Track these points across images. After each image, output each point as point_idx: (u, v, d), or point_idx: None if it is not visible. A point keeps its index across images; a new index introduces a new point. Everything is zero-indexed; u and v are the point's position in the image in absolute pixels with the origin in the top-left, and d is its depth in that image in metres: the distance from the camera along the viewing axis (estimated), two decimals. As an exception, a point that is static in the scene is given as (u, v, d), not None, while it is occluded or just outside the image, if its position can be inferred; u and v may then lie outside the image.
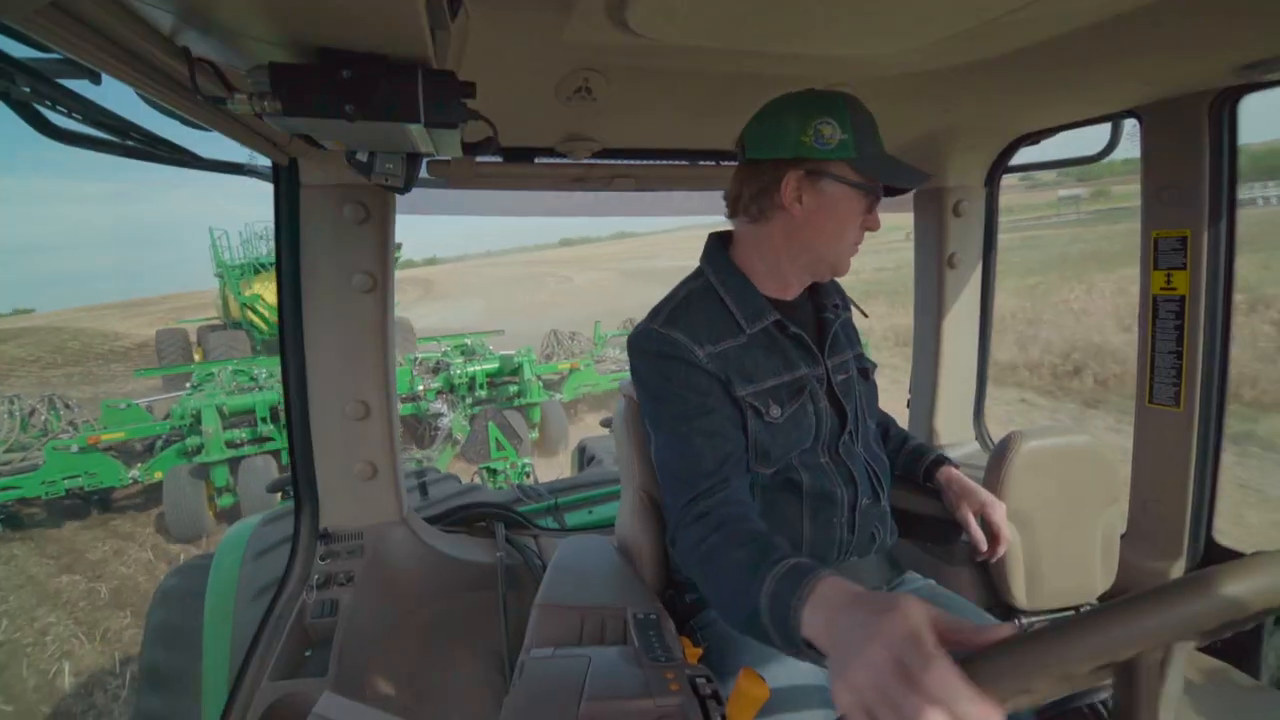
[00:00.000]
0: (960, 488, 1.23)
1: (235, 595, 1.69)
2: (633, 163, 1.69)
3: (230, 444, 7.03)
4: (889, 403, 1.44)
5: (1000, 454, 1.42)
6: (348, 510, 1.60)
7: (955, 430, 2.08)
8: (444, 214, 2.00)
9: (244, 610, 1.64)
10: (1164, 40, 1.06)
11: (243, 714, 1.25)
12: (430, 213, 1.96)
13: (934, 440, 2.06)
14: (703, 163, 1.75)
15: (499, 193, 1.74)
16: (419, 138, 0.80)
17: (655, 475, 1.12)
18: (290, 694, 1.25)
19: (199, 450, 6.91)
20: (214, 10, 0.64)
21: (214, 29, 0.68)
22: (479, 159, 1.56)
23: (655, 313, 1.09)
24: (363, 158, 0.90)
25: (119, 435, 7.16)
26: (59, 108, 0.85)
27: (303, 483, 1.56)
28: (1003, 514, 1.20)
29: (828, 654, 0.62)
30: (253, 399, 7.42)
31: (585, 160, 1.60)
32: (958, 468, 1.27)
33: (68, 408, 8.55)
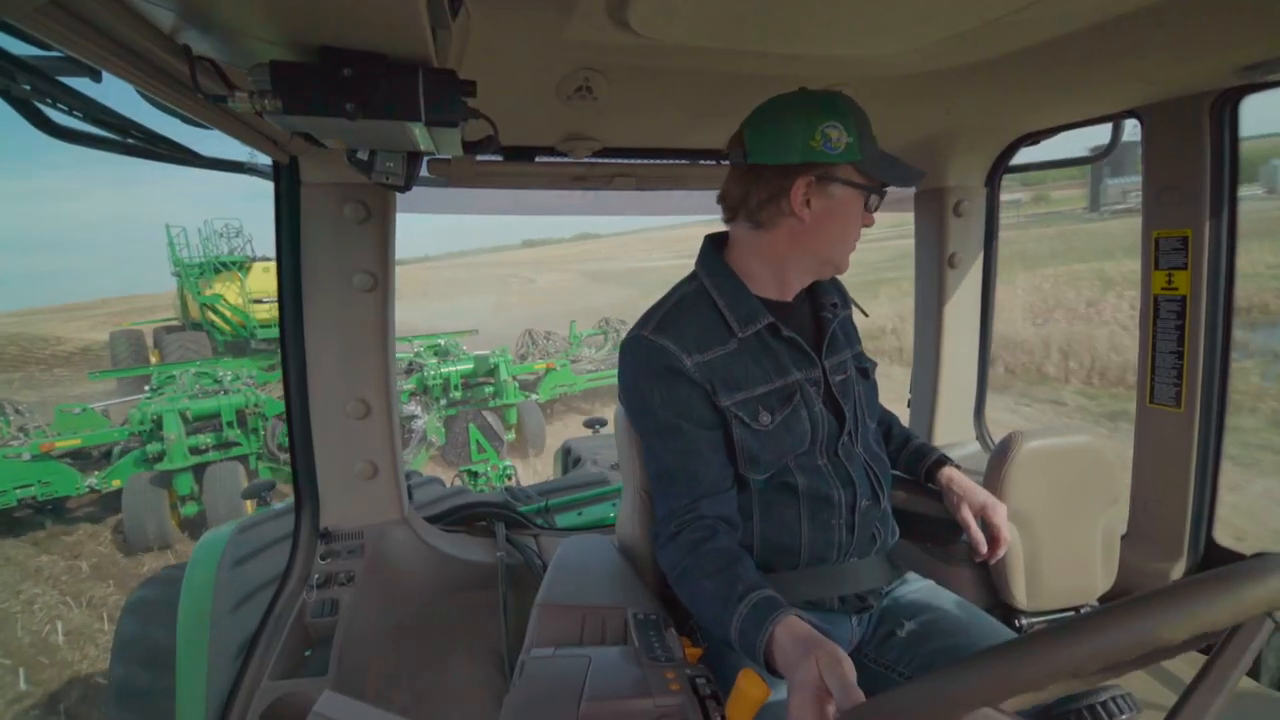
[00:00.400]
0: (961, 489, 1.22)
1: (211, 607, 1.62)
2: (633, 162, 1.69)
3: (194, 450, 6.68)
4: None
5: (1001, 454, 1.42)
6: (348, 509, 1.60)
7: (956, 430, 2.08)
8: (444, 213, 2.00)
9: (222, 622, 1.57)
10: (1165, 41, 1.06)
11: (243, 713, 1.25)
12: (430, 211, 1.96)
13: (934, 440, 2.06)
14: (703, 162, 1.75)
15: (498, 191, 1.74)
16: (420, 136, 0.79)
17: None
18: (290, 693, 1.25)
19: (160, 457, 6.54)
20: (215, 9, 0.64)
21: (215, 27, 0.68)
22: (479, 158, 1.56)
23: (647, 319, 1.09)
24: (363, 156, 0.90)
25: (74, 442, 6.76)
26: (59, 105, 0.85)
27: (303, 482, 1.56)
28: (1003, 516, 1.19)
29: (785, 665, 0.82)
30: (218, 403, 7.07)
31: (586, 159, 1.60)
32: (959, 468, 1.27)
33: (18, 413, 7.85)
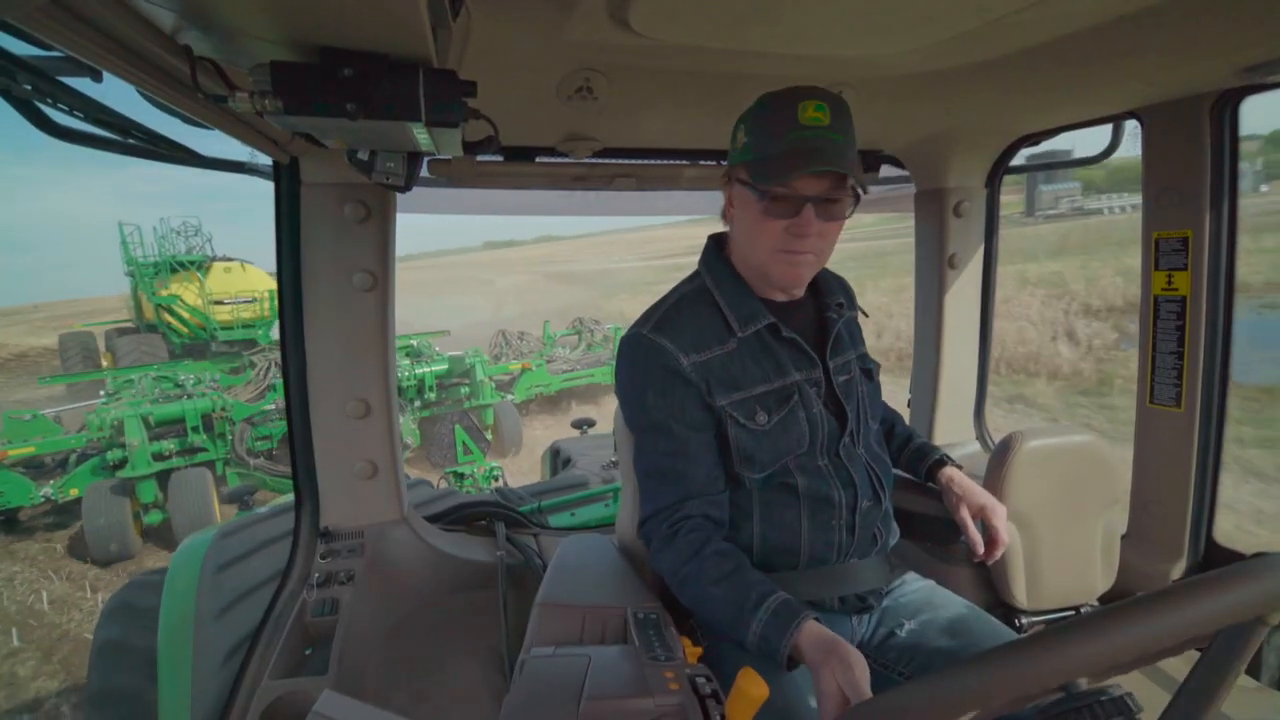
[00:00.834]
0: (961, 489, 1.22)
1: (194, 614, 1.58)
2: (633, 162, 1.69)
3: (157, 456, 6.45)
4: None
5: (1001, 454, 1.42)
6: (348, 509, 1.60)
7: (955, 430, 2.08)
8: (444, 213, 2.00)
9: (208, 627, 1.54)
10: (1166, 42, 1.06)
11: (243, 712, 1.25)
12: (431, 211, 1.96)
13: (934, 440, 2.06)
14: (703, 162, 1.75)
15: (497, 191, 1.74)
16: (420, 136, 0.80)
17: None
18: (290, 692, 1.25)
19: (122, 464, 6.29)
20: (216, 9, 0.64)
21: (215, 27, 0.68)
22: (480, 158, 1.56)
23: (646, 317, 1.10)
24: (364, 156, 0.90)
25: (28, 450, 6.53)
26: (60, 105, 0.86)
27: (303, 481, 1.56)
28: (1002, 517, 1.18)
29: (810, 667, 0.87)
30: (181, 407, 6.87)
31: (586, 159, 1.60)
32: (960, 468, 1.27)
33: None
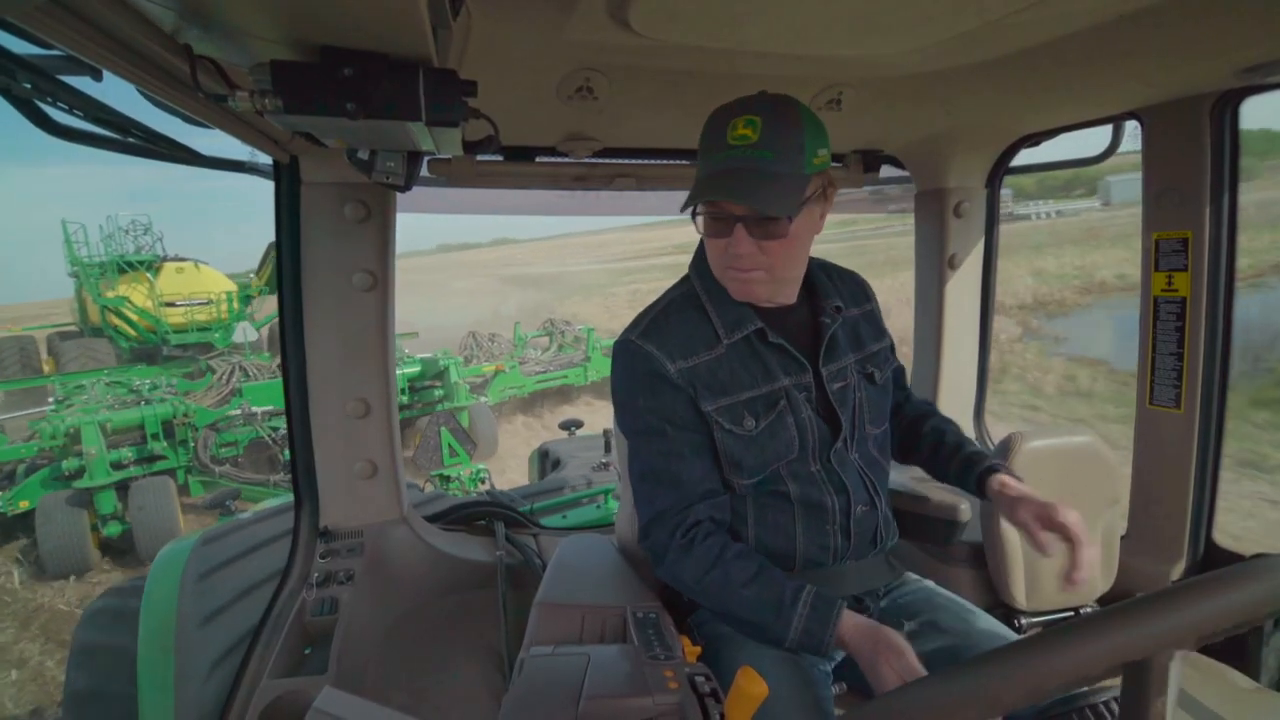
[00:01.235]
0: (1017, 493, 1.08)
1: (175, 622, 1.55)
2: (633, 162, 1.69)
3: (115, 465, 6.15)
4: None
5: (1000, 454, 1.42)
6: (348, 508, 1.60)
7: None
8: (444, 213, 2.00)
9: (188, 638, 1.51)
10: (1166, 43, 1.06)
11: (242, 711, 1.25)
12: (431, 211, 1.96)
13: None
14: None
15: (497, 191, 1.74)
16: (420, 136, 0.80)
17: None
18: (290, 691, 1.25)
19: (78, 474, 5.98)
20: (216, 8, 0.64)
21: (216, 26, 0.68)
22: (480, 158, 1.56)
23: (636, 322, 1.11)
24: (364, 156, 0.90)
25: None
26: (60, 104, 0.86)
27: (303, 481, 1.56)
28: (1072, 516, 0.99)
29: (858, 660, 0.92)
30: (141, 413, 6.58)
31: (586, 159, 1.61)
32: (1012, 474, 1.14)
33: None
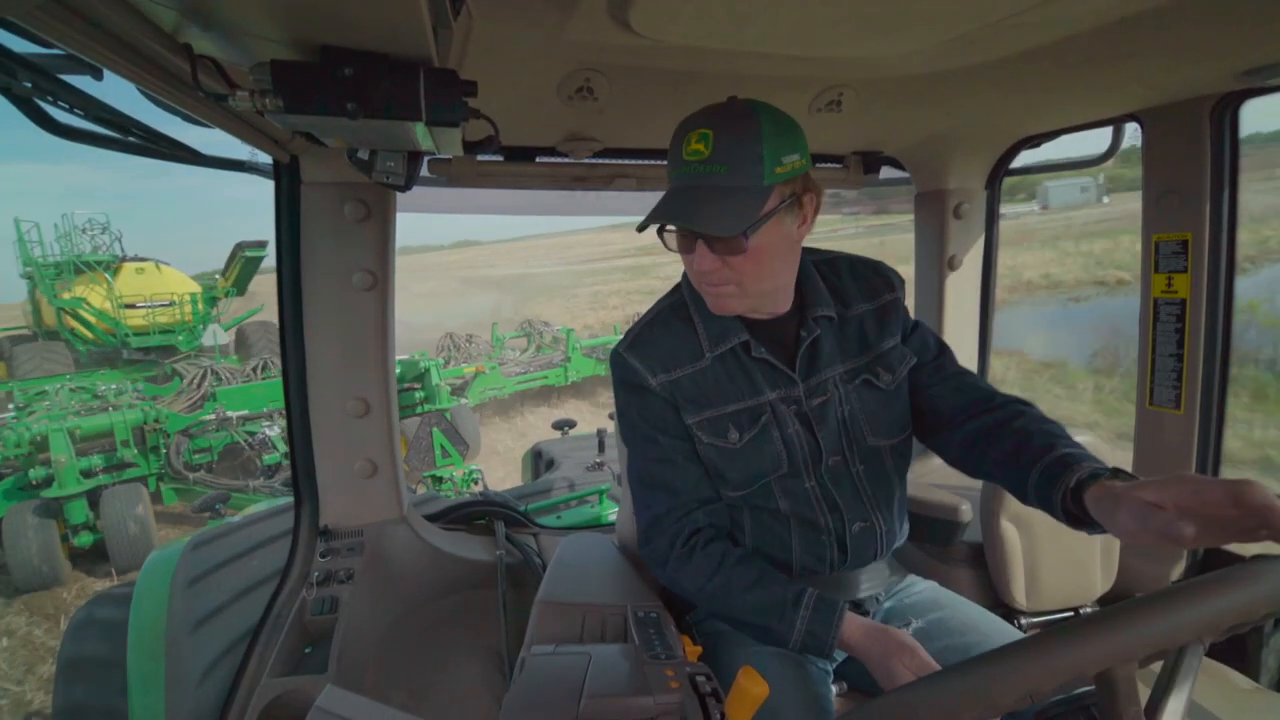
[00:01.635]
0: (1142, 498, 0.72)
1: (165, 629, 1.53)
2: (634, 162, 1.69)
3: (84, 474, 5.92)
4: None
5: None
6: (348, 507, 1.60)
7: None
8: (444, 213, 2.00)
9: (180, 645, 1.49)
10: (1166, 45, 1.06)
11: (242, 710, 1.25)
12: (431, 211, 1.96)
13: None
14: None
15: (497, 191, 1.74)
16: (420, 136, 0.80)
17: None
18: (290, 690, 1.25)
19: (46, 483, 5.72)
20: (216, 7, 0.64)
21: (216, 26, 0.68)
22: (480, 158, 1.56)
23: (627, 334, 1.11)
24: (364, 156, 0.90)
25: None
26: (61, 103, 0.85)
27: (303, 480, 1.56)
28: (1260, 490, 0.65)
29: (866, 661, 0.93)
30: (110, 419, 6.35)
31: (586, 160, 1.61)
32: (1120, 475, 0.81)
33: None
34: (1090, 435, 1.48)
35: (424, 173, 1.54)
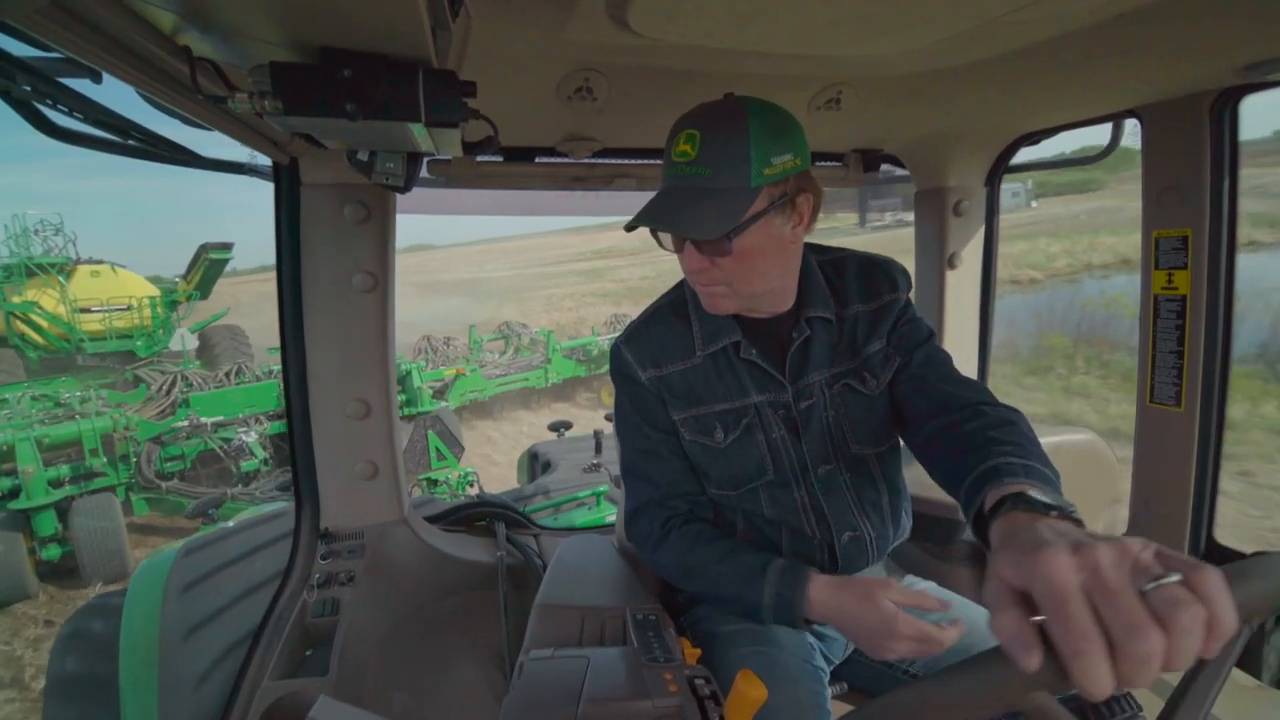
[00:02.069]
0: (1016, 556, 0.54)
1: (159, 636, 1.52)
2: (633, 162, 1.69)
3: (52, 484, 5.71)
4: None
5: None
6: (348, 510, 1.60)
7: None
8: (444, 214, 2.00)
9: (173, 654, 1.48)
10: (1165, 41, 1.05)
11: (243, 713, 1.25)
12: (431, 212, 1.96)
13: None
14: None
15: (497, 191, 1.74)
16: (420, 137, 0.80)
17: None
18: (291, 693, 1.25)
19: (14, 494, 5.55)
20: (215, 10, 0.64)
21: (215, 28, 0.68)
22: (479, 158, 1.57)
23: (628, 326, 1.13)
24: (363, 157, 0.90)
25: None
26: (60, 107, 0.85)
27: (303, 482, 1.56)
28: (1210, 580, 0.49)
29: (840, 628, 0.90)
30: (78, 428, 6.14)
31: (586, 160, 1.61)
32: (1058, 511, 0.62)
33: None
34: (1090, 434, 1.48)
35: (423, 174, 1.54)
